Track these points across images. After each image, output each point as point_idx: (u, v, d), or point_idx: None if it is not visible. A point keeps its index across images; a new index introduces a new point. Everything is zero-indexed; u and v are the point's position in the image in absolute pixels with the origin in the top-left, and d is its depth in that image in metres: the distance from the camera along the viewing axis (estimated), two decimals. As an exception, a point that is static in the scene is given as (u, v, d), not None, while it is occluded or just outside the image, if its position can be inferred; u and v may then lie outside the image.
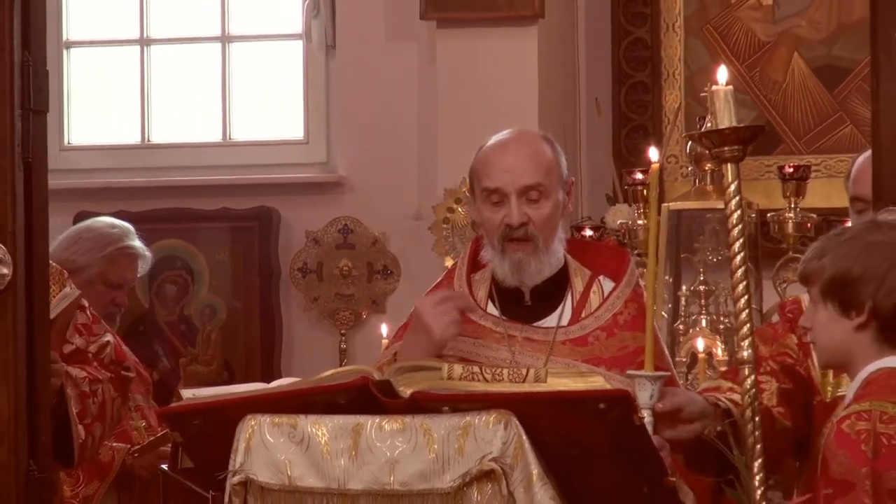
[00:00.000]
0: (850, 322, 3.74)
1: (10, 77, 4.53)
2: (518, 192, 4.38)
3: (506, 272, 4.45)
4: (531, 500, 3.74)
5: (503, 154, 4.43)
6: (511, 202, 4.39)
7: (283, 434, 3.84)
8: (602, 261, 4.64)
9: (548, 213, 4.42)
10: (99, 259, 5.86)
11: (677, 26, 7.20)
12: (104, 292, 5.86)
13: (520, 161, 4.41)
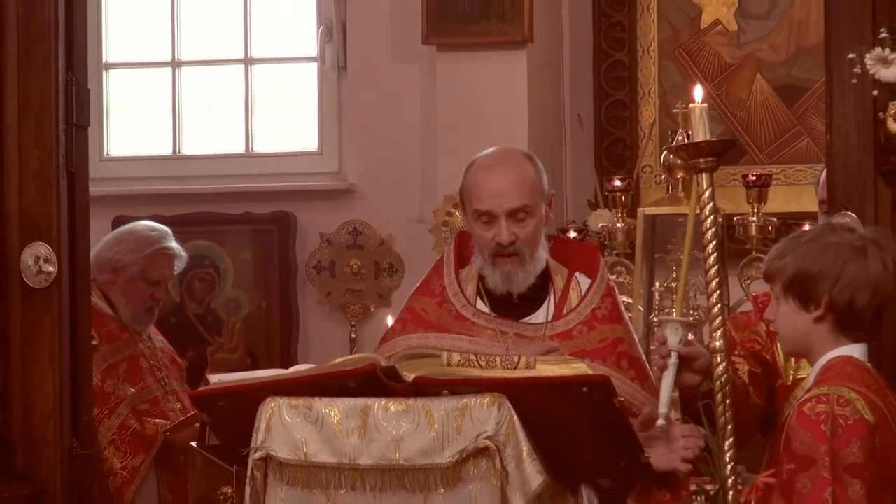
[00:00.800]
0: (810, 315, 3.74)
1: (56, 95, 4.53)
2: (506, 214, 4.34)
3: (497, 282, 4.41)
4: (521, 474, 3.75)
5: (491, 179, 4.37)
6: (500, 223, 4.34)
7: (300, 415, 3.85)
8: (576, 258, 4.59)
9: (532, 229, 4.38)
10: (140, 259, 5.86)
11: (652, 50, 7.20)
12: (144, 288, 5.86)
13: (507, 185, 4.36)
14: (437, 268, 4.62)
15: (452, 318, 4.44)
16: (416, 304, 4.53)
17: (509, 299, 4.46)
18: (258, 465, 3.86)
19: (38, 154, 4.50)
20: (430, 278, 4.61)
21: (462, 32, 6.79)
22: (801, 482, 3.54)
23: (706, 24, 7.17)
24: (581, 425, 3.84)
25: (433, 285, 4.54)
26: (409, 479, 3.79)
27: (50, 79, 4.51)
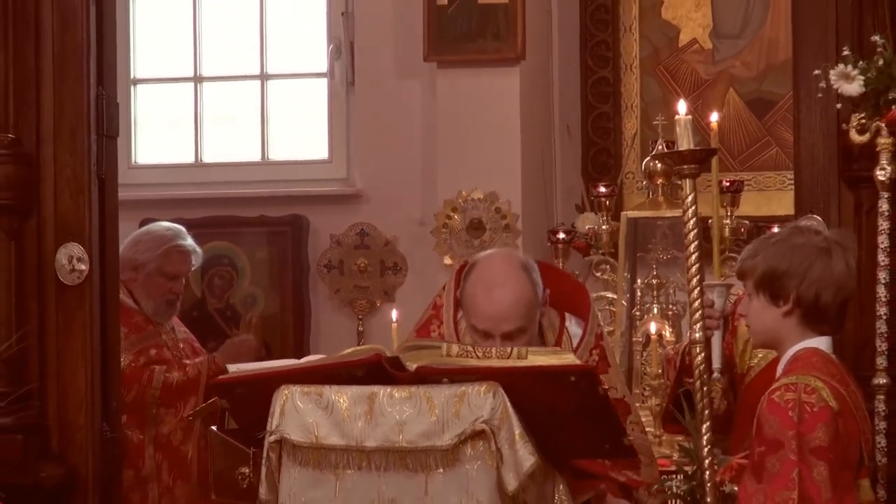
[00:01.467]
0: (779, 310, 3.74)
1: (88, 108, 4.53)
2: (502, 335, 4.28)
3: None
4: (514, 455, 3.75)
5: (490, 303, 4.28)
6: (495, 342, 4.26)
7: (312, 401, 3.85)
8: (567, 300, 4.52)
9: (525, 343, 4.26)
10: (156, 256, 5.87)
11: (634, 67, 7.20)
12: (163, 283, 5.86)
13: (503, 310, 4.27)
14: (437, 309, 4.56)
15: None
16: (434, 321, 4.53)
17: None
18: (273, 447, 3.86)
19: (71, 162, 4.51)
20: (429, 322, 4.56)
21: (460, 50, 6.79)
22: (771, 463, 3.54)
23: (684, 43, 7.17)
24: (569, 411, 3.84)
25: (432, 332, 4.51)
26: (411, 459, 3.79)
27: (82, 93, 4.51)
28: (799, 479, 3.50)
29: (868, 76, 4.03)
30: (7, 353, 4.40)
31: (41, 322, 4.49)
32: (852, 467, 3.62)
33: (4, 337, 4.43)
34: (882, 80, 4.03)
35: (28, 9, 4.46)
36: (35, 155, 4.49)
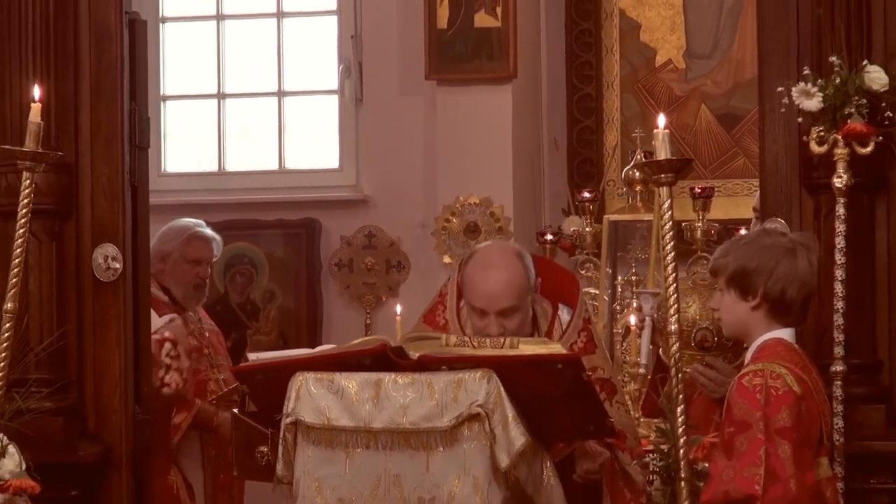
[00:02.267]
0: (748, 304, 3.73)
1: (122, 122, 4.53)
2: (496, 312, 4.22)
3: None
4: (507, 436, 3.74)
5: (486, 282, 4.24)
6: (491, 318, 4.22)
7: (324, 386, 3.84)
8: (560, 289, 4.47)
9: (518, 322, 4.24)
10: (179, 244, 5.82)
11: (615, 84, 7.20)
12: (189, 269, 5.81)
13: (498, 289, 4.22)
14: (442, 298, 4.51)
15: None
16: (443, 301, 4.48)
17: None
18: (289, 428, 3.85)
19: (107, 171, 4.51)
20: (435, 308, 4.51)
21: (458, 70, 6.79)
22: (740, 442, 3.54)
23: (660, 63, 7.17)
24: (556, 395, 3.83)
25: (438, 317, 4.46)
26: (414, 439, 3.79)
27: (117, 109, 4.52)
28: (765, 457, 3.50)
29: (826, 93, 4.03)
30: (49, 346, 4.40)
31: (79, 315, 4.49)
32: (813, 446, 3.62)
33: (46, 329, 4.43)
34: (838, 97, 4.02)
35: (67, 34, 4.47)
36: (74, 164, 4.49)
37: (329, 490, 3.83)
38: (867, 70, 4.04)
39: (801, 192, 4.20)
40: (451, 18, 6.80)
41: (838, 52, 4.06)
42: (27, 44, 4.42)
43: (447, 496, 3.76)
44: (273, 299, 7.23)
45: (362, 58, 7.20)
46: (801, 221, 4.16)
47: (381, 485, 3.80)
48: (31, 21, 4.42)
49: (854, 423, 4.04)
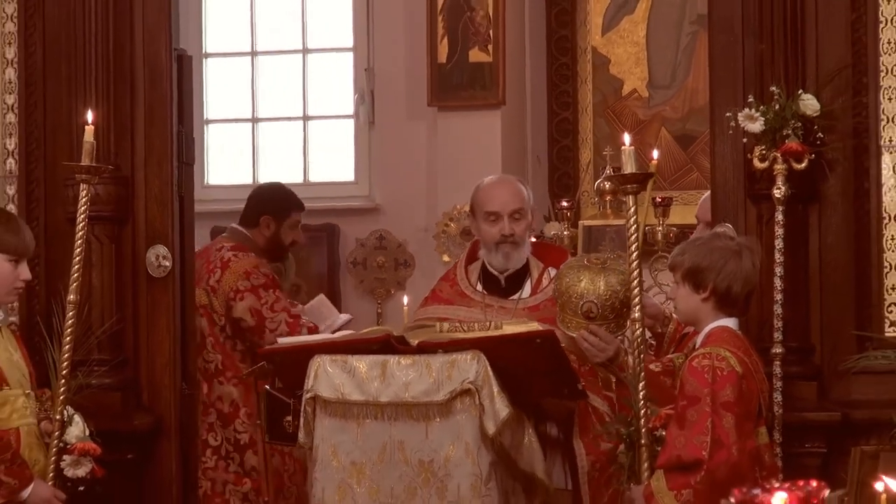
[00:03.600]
0: (699, 296, 3.71)
1: (171, 142, 4.52)
2: (508, 214, 4.30)
3: (499, 261, 4.34)
4: (493, 408, 3.74)
5: (500, 190, 4.36)
6: (504, 220, 4.29)
7: (338, 366, 3.84)
8: (551, 256, 4.54)
9: (524, 227, 4.35)
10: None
11: (588, 110, 7.19)
12: None
13: (509, 194, 4.34)
14: (454, 266, 4.58)
15: (457, 294, 4.39)
16: (438, 286, 4.50)
17: (499, 283, 4.40)
18: (309, 402, 3.86)
19: (158, 183, 4.49)
20: (451, 269, 4.59)
21: (455, 97, 6.80)
22: (690, 414, 3.53)
23: (626, 92, 7.16)
24: (536, 366, 3.84)
25: (451, 274, 4.51)
26: (415, 411, 3.79)
27: (166, 131, 4.51)
28: (712, 427, 3.49)
29: (767, 118, 4.02)
30: (109, 331, 4.40)
31: (134, 305, 4.48)
32: (753, 418, 3.61)
33: (106, 317, 4.42)
34: (778, 121, 4.02)
35: (125, 68, 4.46)
36: (130, 178, 4.48)
37: (343, 454, 3.83)
38: (802, 98, 4.04)
39: (746, 202, 4.19)
40: (449, 54, 6.80)
41: (777, 82, 4.06)
42: (91, 77, 4.42)
43: (443, 459, 3.76)
44: (299, 292, 7.20)
45: (374, 87, 7.20)
46: (745, 227, 4.15)
47: (387, 450, 3.80)
48: (94, 57, 4.41)
49: (790, 397, 4.03)
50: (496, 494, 3.75)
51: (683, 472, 3.48)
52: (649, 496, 3.54)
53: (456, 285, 4.44)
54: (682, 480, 3.47)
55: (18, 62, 4.48)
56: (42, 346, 4.12)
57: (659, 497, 3.50)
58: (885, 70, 4.08)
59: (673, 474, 3.49)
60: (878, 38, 4.07)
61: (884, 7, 4.07)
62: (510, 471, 3.84)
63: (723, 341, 3.62)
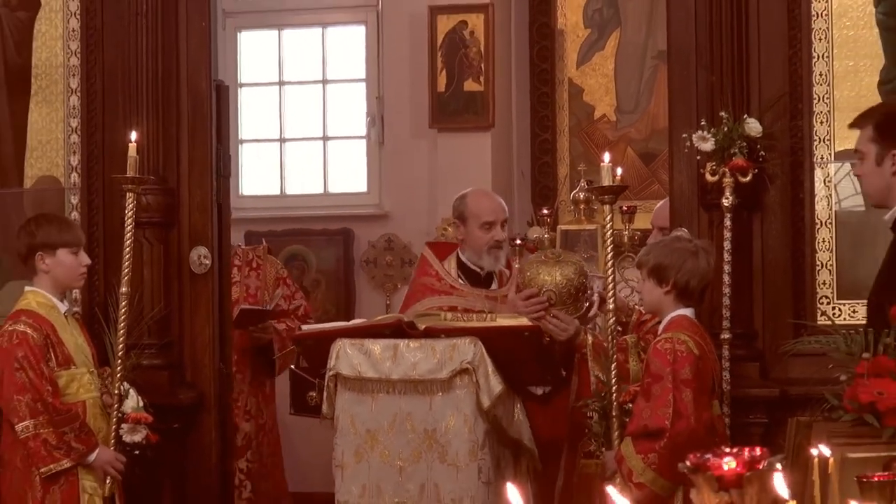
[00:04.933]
0: (662, 290, 3.71)
1: (210, 159, 4.52)
2: (500, 223, 4.31)
3: (490, 262, 4.33)
4: (488, 385, 3.74)
5: (493, 202, 4.35)
6: (497, 228, 4.29)
7: (356, 348, 3.85)
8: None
9: (507, 234, 4.39)
10: None
11: (565, 132, 7.19)
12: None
13: (500, 206, 4.34)
14: (423, 262, 4.48)
15: (449, 286, 4.37)
16: (424, 281, 4.42)
17: (478, 277, 4.38)
18: (331, 379, 3.86)
19: (199, 193, 4.50)
20: (422, 267, 4.48)
21: (452, 121, 6.80)
22: (655, 389, 3.53)
23: (597, 116, 7.17)
24: (524, 355, 3.84)
25: (430, 271, 4.42)
26: (421, 387, 3.79)
27: (207, 148, 4.51)
28: (673, 400, 3.50)
29: (717, 138, 4.02)
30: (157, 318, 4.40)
31: (179, 297, 4.48)
32: (707, 393, 3.61)
33: (155, 307, 4.42)
34: (726, 141, 4.03)
35: (172, 95, 4.46)
36: (176, 189, 4.48)
37: (360, 423, 3.84)
38: (746, 122, 4.04)
39: (699, 210, 4.20)
40: (447, 84, 6.81)
41: (726, 108, 4.06)
42: (143, 103, 4.42)
43: (444, 428, 3.76)
44: (319, 286, 7.22)
45: (383, 112, 7.20)
46: (699, 231, 4.15)
47: (397, 420, 3.80)
48: (145, 87, 4.41)
49: (737, 376, 4.04)
50: (489, 458, 3.75)
51: (649, 438, 3.48)
52: (620, 459, 3.54)
53: (442, 280, 4.42)
54: (648, 446, 3.48)
55: (81, 91, 4.48)
56: (101, 331, 4.12)
57: (628, 459, 3.50)
58: (817, 98, 4.09)
59: (640, 440, 3.50)
60: (812, 70, 4.08)
61: (816, 45, 4.08)
62: (501, 439, 3.84)
63: (682, 327, 3.63)
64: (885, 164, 3.26)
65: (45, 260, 3.94)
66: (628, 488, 3.46)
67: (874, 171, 3.29)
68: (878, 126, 3.30)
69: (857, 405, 3.24)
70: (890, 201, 3.32)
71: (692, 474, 1.89)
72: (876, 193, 3.36)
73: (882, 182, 3.28)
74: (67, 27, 4.45)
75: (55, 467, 3.83)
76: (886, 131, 3.27)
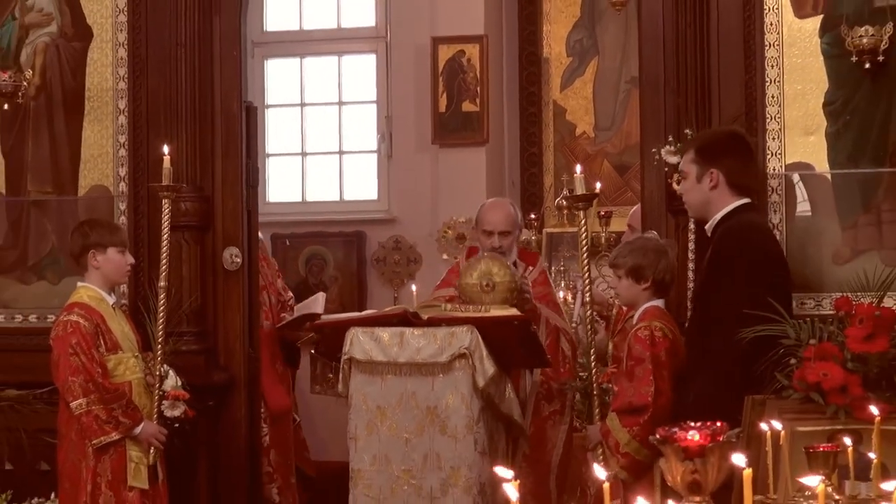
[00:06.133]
0: (640, 286, 3.69)
1: (241, 171, 4.52)
2: (499, 232, 4.34)
3: None
4: (482, 367, 3.74)
5: (494, 214, 4.39)
6: (495, 237, 4.34)
7: (367, 335, 3.83)
8: (528, 258, 4.60)
9: (510, 241, 4.38)
10: None
11: (551, 147, 7.17)
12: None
13: (501, 217, 4.37)
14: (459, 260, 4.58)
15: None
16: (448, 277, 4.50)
17: None
18: (346, 362, 3.85)
19: (231, 200, 4.49)
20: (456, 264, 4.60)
21: (452, 137, 6.80)
22: (637, 371, 3.53)
23: (578, 133, 7.16)
24: (514, 342, 3.83)
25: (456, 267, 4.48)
26: (424, 369, 3.78)
27: (238, 162, 4.51)
28: (654, 379, 3.50)
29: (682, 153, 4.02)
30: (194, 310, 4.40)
31: (213, 291, 4.48)
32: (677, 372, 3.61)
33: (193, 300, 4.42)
34: (672, 157, 4.04)
35: (207, 115, 4.46)
36: (211, 197, 4.47)
37: (371, 401, 3.83)
38: (708, 138, 4.03)
39: (667, 215, 4.19)
40: (447, 105, 6.81)
41: (690, 127, 4.05)
42: (182, 122, 4.42)
43: (445, 405, 3.75)
44: (336, 281, 7.21)
45: (392, 130, 7.18)
46: (666, 232, 4.14)
47: (403, 398, 3.80)
48: (184, 107, 4.42)
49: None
50: (483, 431, 3.75)
51: (633, 414, 3.48)
52: (606, 432, 3.54)
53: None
54: (633, 420, 3.47)
55: (128, 111, 4.48)
56: (144, 321, 4.12)
57: (615, 432, 3.50)
58: (769, 117, 4.08)
59: (625, 416, 3.49)
60: (765, 93, 4.07)
61: (769, 71, 4.07)
62: (494, 414, 3.84)
63: (655, 316, 3.63)
64: (703, 181, 3.47)
65: (97, 257, 3.96)
66: (614, 459, 3.46)
67: (695, 188, 3.50)
68: (698, 150, 3.52)
69: (804, 385, 3.25)
70: (708, 213, 3.51)
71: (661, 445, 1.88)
72: (697, 206, 3.55)
73: (702, 196, 3.49)
74: (116, 56, 4.46)
75: (105, 439, 3.83)
76: (705, 154, 3.49)
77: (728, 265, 3.38)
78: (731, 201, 3.48)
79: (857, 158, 3.90)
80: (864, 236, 3.86)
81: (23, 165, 4.49)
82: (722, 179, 3.47)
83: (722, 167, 3.47)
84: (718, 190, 3.47)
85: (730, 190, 3.47)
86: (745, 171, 3.53)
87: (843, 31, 3.88)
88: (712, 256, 3.46)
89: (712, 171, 3.45)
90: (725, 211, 3.48)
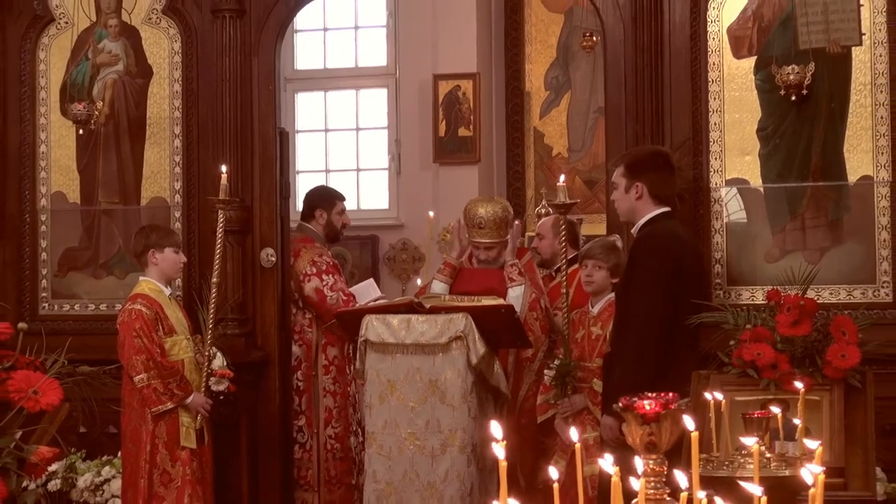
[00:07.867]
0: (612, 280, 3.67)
1: (276, 185, 4.51)
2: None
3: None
4: (475, 347, 3.74)
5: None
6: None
7: (380, 321, 3.84)
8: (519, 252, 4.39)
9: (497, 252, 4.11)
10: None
11: (531, 165, 7.17)
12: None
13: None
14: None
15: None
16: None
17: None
18: (362, 343, 3.85)
19: (267, 210, 4.49)
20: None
21: (450, 157, 6.81)
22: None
23: (554, 154, 7.16)
24: (501, 326, 3.83)
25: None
26: (427, 349, 3.79)
27: (273, 178, 4.50)
28: None
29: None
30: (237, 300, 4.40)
31: (253, 284, 4.47)
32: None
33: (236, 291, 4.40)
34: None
35: (247, 139, 4.45)
36: (251, 207, 4.47)
37: (382, 375, 3.83)
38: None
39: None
40: (446, 130, 6.82)
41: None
42: (227, 144, 4.42)
43: (444, 379, 3.76)
44: (354, 277, 7.18)
45: (401, 151, 7.19)
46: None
47: (409, 373, 3.80)
48: (228, 132, 4.42)
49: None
50: (476, 400, 3.76)
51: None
52: (594, 395, 3.52)
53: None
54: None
55: (181, 136, 4.49)
56: (196, 309, 4.13)
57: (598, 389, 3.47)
58: (712, 140, 4.08)
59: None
60: (709, 121, 4.07)
61: (711, 103, 4.07)
62: (485, 386, 3.84)
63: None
64: (630, 192, 3.43)
65: (155, 256, 3.98)
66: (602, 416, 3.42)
67: (623, 197, 3.49)
68: (627, 166, 3.51)
69: (742, 362, 3.25)
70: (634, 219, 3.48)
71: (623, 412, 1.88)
72: (625, 213, 3.54)
73: (629, 205, 3.46)
74: (172, 90, 4.48)
75: (162, 408, 3.85)
76: (632, 169, 3.47)
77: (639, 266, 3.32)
78: (652, 209, 3.45)
79: (785, 175, 3.94)
80: (791, 239, 3.90)
81: (95, 180, 4.53)
82: (645, 191, 3.44)
83: (646, 180, 3.44)
84: (642, 200, 3.44)
85: (652, 200, 3.44)
86: (665, 184, 3.48)
87: (774, 69, 3.91)
88: (629, 257, 3.46)
89: (637, 183, 3.43)
90: (647, 217, 3.44)
